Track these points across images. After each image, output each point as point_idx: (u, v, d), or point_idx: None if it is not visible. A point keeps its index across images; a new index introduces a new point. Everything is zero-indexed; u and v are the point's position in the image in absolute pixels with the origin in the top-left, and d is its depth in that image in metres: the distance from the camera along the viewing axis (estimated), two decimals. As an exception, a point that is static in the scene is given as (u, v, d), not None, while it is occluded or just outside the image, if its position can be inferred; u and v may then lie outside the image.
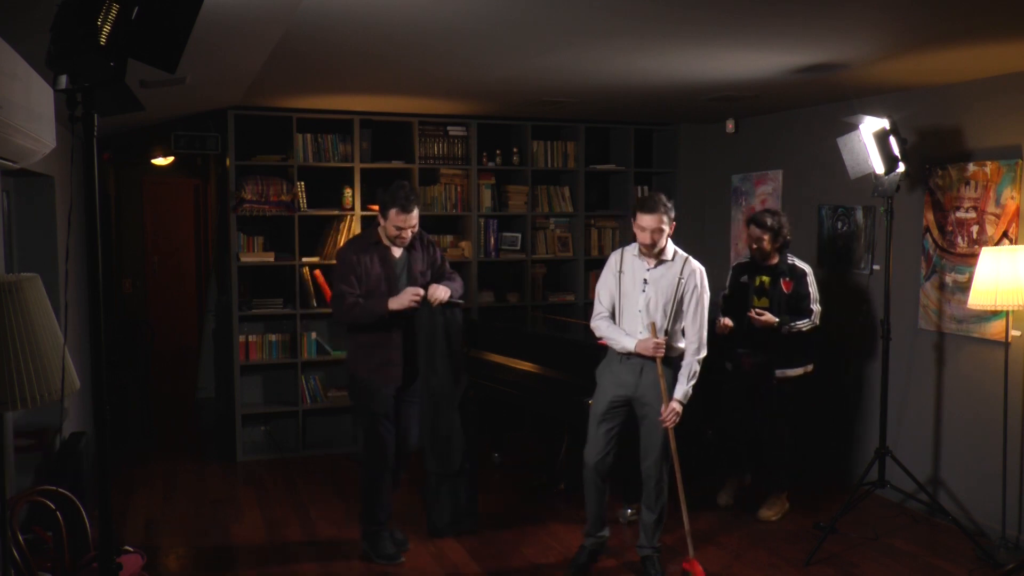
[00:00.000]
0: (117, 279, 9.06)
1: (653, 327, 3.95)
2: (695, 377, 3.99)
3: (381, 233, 4.23)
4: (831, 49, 3.84)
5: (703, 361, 4.03)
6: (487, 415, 5.74)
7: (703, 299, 4.02)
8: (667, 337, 3.97)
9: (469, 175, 6.48)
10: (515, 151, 6.64)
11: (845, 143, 4.54)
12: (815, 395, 5.49)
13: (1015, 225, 4.42)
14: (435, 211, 6.38)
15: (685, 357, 4.01)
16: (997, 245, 4.45)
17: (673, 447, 4.01)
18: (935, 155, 4.85)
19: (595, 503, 4.16)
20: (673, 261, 4.03)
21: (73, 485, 3.77)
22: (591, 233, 6.91)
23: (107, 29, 1.90)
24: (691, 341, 4.01)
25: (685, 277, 4.00)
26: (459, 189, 6.47)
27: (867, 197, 5.05)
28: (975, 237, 4.63)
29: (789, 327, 4.66)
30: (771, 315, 4.66)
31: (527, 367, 5.23)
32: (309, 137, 6.05)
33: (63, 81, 1.99)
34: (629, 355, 3.99)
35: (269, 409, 6.22)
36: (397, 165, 6.28)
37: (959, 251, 4.73)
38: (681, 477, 4.06)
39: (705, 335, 4.03)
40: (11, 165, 3.08)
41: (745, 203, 6.44)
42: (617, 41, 3.68)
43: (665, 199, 3.97)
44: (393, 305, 4.11)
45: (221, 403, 6.55)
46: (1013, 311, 4.25)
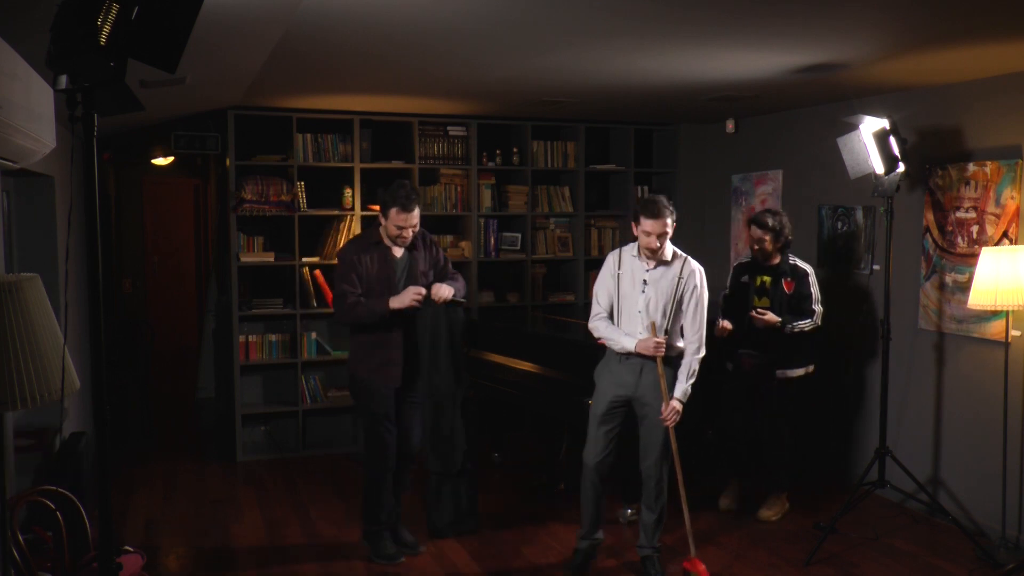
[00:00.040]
0: (117, 279, 9.06)
1: (653, 327, 3.95)
2: (694, 376, 4.00)
3: (382, 233, 4.23)
4: (831, 49, 3.84)
5: (702, 361, 4.04)
6: (487, 415, 5.74)
7: (702, 299, 4.03)
8: (667, 336, 3.98)
9: (469, 175, 6.48)
10: (515, 151, 6.64)
11: (845, 143, 4.54)
12: (815, 395, 5.49)
13: (1015, 225, 4.42)
14: (435, 211, 6.38)
15: (684, 356, 4.02)
16: (997, 245, 4.45)
17: (674, 447, 4.01)
18: (935, 155, 4.85)
19: (592, 505, 4.16)
20: (672, 261, 4.03)
21: (73, 485, 3.77)
22: (591, 233, 6.90)
23: (107, 29, 1.90)
24: (691, 341, 4.02)
25: (684, 277, 4.01)
26: (459, 189, 6.47)
27: (867, 197, 5.05)
28: (975, 237, 4.63)
29: (791, 327, 4.67)
30: (773, 315, 4.67)
31: (527, 367, 5.23)
32: (309, 137, 6.05)
33: (63, 81, 1.99)
34: (628, 355, 3.99)
35: (269, 409, 6.22)
36: (397, 165, 6.28)
37: (959, 251, 4.73)
38: (682, 477, 4.06)
39: (704, 335, 4.04)
40: (11, 165, 3.08)
41: (745, 203, 6.44)
42: (617, 41, 3.68)
43: (667, 202, 3.97)
44: (394, 304, 4.11)
45: (221, 403, 6.54)
46: (1013, 311, 4.25)
